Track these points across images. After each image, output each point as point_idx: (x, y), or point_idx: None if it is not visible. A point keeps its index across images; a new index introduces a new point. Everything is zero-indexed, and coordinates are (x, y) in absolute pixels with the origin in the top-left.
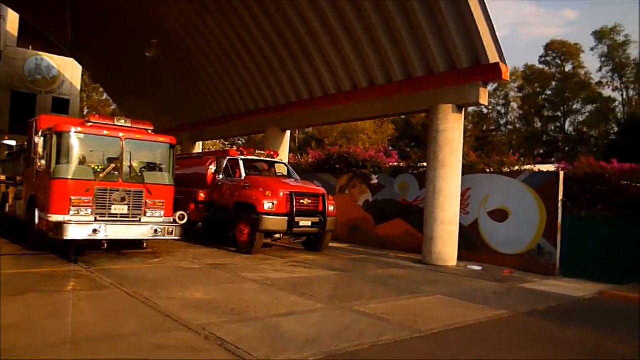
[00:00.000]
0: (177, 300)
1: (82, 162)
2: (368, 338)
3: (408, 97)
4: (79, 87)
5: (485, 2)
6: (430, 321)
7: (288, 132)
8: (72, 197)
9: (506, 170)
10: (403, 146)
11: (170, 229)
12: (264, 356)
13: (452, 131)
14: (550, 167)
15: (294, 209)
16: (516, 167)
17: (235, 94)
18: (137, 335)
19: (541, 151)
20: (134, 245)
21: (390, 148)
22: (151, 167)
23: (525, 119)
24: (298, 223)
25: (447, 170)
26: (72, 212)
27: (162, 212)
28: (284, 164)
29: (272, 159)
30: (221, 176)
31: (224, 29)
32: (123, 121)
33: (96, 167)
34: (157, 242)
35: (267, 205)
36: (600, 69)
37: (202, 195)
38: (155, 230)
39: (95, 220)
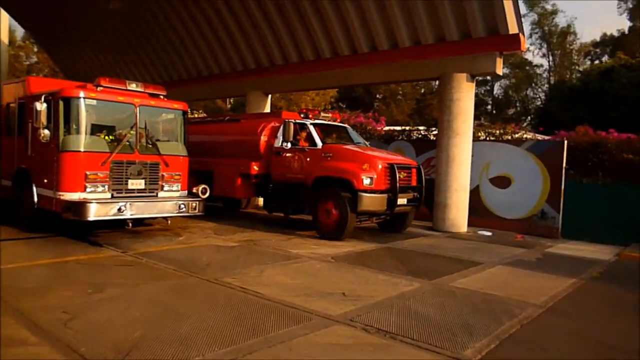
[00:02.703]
0: (274, 286)
1: (94, 131)
2: (509, 318)
3: (415, 63)
4: (6, 41)
5: None
6: (531, 294)
7: (270, 96)
8: (87, 172)
9: (507, 138)
10: (344, 107)
11: (194, 205)
12: (452, 348)
13: (465, 100)
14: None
15: (397, 184)
16: (516, 135)
17: (207, 54)
18: (298, 336)
19: None
20: (139, 222)
21: (330, 109)
22: (165, 136)
23: None
24: (397, 201)
25: (460, 138)
26: (88, 189)
27: (179, 186)
28: (348, 127)
29: (337, 123)
30: (288, 145)
31: None
32: (134, 85)
33: (107, 138)
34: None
35: (366, 181)
36: (530, 36)
37: (255, 167)
38: (179, 206)
39: (112, 197)
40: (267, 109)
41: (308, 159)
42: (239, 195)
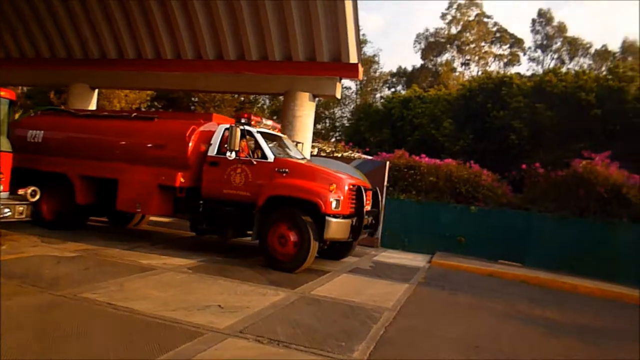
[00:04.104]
0: (145, 301)
1: None
2: (374, 322)
3: (262, 78)
4: None
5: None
6: (381, 299)
7: (96, 90)
8: None
9: (337, 155)
10: (160, 107)
11: (21, 209)
12: (342, 352)
13: (306, 117)
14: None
15: (364, 209)
16: (345, 154)
17: (20, 33)
18: (200, 351)
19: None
20: None
21: (146, 108)
22: None
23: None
24: (362, 228)
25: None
26: None
27: (1, 187)
28: (285, 138)
29: (277, 133)
30: (232, 155)
31: None
32: None
33: None
34: None
35: (334, 204)
36: None
37: (181, 179)
38: (4, 211)
39: None
40: (93, 105)
41: (256, 174)
42: (154, 212)
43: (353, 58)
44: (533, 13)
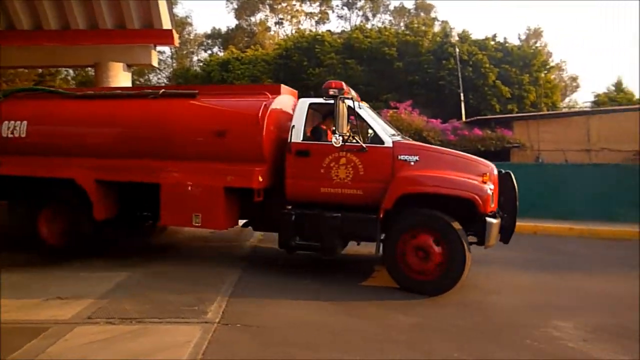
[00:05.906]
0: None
1: None
2: (222, 283)
3: (66, 49)
4: None
5: None
6: (227, 262)
7: None
8: None
9: None
10: None
11: None
12: (197, 315)
13: None
14: None
15: (516, 201)
16: None
17: None
18: (48, 346)
19: None
20: None
21: None
22: None
23: None
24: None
25: None
26: None
27: None
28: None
29: (365, 104)
30: (339, 140)
31: None
32: None
33: None
34: None
35: (491, 200)
36: None
37: (260, 177)
38: None
39: None
40: None
41: (369, 165)
42: (222, 225)
43: (166, 24)
44: None
